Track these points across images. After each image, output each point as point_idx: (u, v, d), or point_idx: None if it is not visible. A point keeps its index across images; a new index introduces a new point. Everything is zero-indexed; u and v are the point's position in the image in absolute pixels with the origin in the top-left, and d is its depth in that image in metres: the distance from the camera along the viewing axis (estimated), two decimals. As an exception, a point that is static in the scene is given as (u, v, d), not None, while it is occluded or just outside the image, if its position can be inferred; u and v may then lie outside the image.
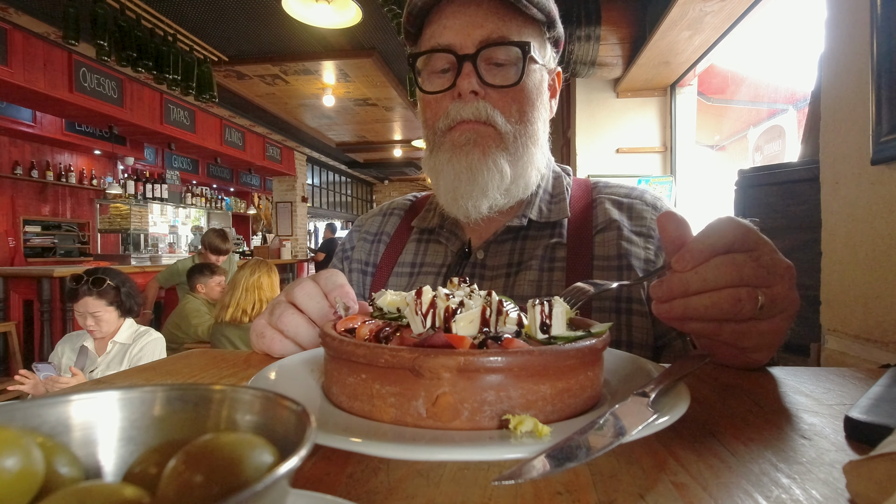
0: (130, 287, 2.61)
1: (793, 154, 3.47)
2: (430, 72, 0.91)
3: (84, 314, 2.46)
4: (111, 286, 2.50)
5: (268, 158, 9.36)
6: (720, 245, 0.51)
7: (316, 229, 14.46)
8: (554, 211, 0.96)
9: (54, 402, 0.24)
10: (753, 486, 0.32)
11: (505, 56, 0.86)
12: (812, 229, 1.39)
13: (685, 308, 0.51)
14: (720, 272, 0.50)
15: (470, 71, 0.85)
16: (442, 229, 1.01)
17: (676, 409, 0.38)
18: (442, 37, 0.87)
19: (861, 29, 1.15)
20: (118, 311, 2.53)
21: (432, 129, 0.92)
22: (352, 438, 0.34)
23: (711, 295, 0.50)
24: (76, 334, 2.64)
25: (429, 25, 0.91)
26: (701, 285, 0.50)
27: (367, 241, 1.10)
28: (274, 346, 0.68)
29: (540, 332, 0.44)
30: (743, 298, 0.50)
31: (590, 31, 3.65)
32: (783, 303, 0.52)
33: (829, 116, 1.31)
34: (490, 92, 0.87)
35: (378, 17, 4.68)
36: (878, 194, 1.11)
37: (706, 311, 0.50)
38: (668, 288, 0.52)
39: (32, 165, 7.49)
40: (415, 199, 1.18)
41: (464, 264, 0.96)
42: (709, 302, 0.50)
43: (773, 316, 0.53)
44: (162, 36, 4.59)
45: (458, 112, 0.86)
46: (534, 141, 0.91)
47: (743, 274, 0.50)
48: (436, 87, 0.90)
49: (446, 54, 0.87)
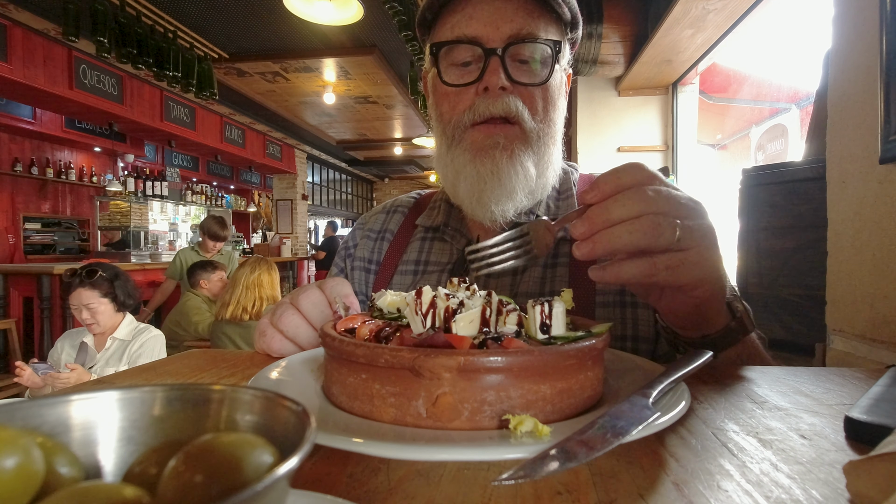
0: (124, 280, 2.60)
1: (795, 153, 3.47)
2: (450, 63, 0.87)
3: (79, 307, 2.45)
4: (103, 277, 2.50)
5: (268, 156, 9.35)
6: (627, 180, 0.52)
7: (316, 227, 14.46)
8: (562, 208, 0.95)
9: (54, 402, 0.24)
10: (753, 486, 0.32)
11: (532, 53, 0.84)
12: (817, 228, 1.38)
13: (609, 239, 0.50)
14: (637, 199, 0.51)
15: (498, 66, 0.82)
16: (447, 227, 1.00)
17: (676, 409, 0.38)
18: (468, 28, 0.84)
19: (870, 25, 1.15)
20: (113, 304, 2.52)
21: (449, 123, 0.89)
22: (352, 438, 0.34)
23: (633, 222, 0.50)
24: (76, 331, 2.64)
25: (450, 14, 0.87)
26: (622, 212, 0.50)
27: (371, 238, 1.08)
28: (273, 345, 0.69)
29: (540, 332, 0.44)
30: (662, 224, 0.50)
31: (591, 29, 3.64)
32: (700, 230, 0.53)
33: (836, 114, 1.30)
34: (517, 89, 0.84)
35: (379, 15, 4.67)
36: (887, 193, 1.11)
37: (630, 237, 0.50)
38: (590, 221, 0.51)
39: (32, 162, 7.48)
40: (419, 196, 1.16)
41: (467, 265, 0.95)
42: (631, 228, 0.50)
43: (695, 246, 0.53)
44: (162, 33, 4.58)
45: (486, 107, 0.83)
46: (554, 141, 0.90)
47: (658, 203, 0.51)
48: (458, 79, 0.86)
49: (472, 46, 0.84)
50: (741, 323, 0.65)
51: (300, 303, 0.69)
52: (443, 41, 0.87)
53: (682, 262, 0.53)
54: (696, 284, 0.56)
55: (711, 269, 0.56)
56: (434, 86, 0.93)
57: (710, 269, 0.56)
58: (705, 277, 0.56)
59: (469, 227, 0.99)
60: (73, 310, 2.48)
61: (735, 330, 0.65)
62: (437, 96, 0.92)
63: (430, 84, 0.96)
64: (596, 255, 0.51)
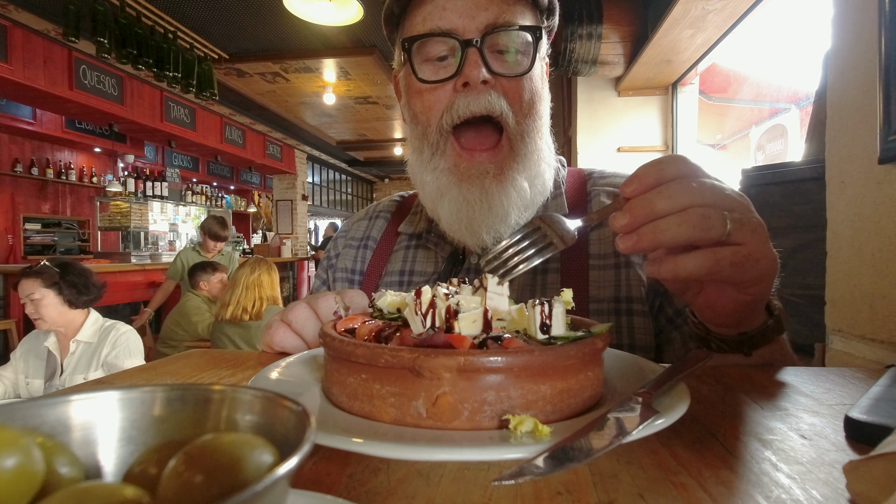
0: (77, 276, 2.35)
1: (795, 153, 3.47)
2: (424, 59, 0.81)
3: (26, 301, 2.25)
4: (47, 266, 2.29)
5: (268, 156, 9.35)
6: (671, 172, 0.48)
7: (316, 227, 14.47)
8: (550, 207, 0.90)
9: (54, 402, 0.24)
10: (753, 486, 0.32)
11: (511, 42, 0.79)
12: (817, 229, 1.38)
13: (654, 232, 0.46)
14: (683, 191, 0.47)
15: (477, 58, 0.76)
16: (430, 234, 0.95)
17: (676, 409, 0.38)
18: (442, 19, 0.78)
19: (869, 26, 1.15)
20: (60, 297, 2.28)
21: (428, 125, 0.82)
22: (352, 438, 0.34)
23: (680, 214, 0.46)
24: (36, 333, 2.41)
25: (420, 6, 0.81)
26: (666, 204, 0.46)
27: (353, 247, 1.03)
28: (275, 338, 0.68)
29: (540, 332, 0.44)
30: (711, 216, 0.47)
31: (591, 29, 3.64)
32: (751, 224, 0.50)
33: (835, 115, 1.30)
34: (499, 82, 0.79)
35: (379, 15, 4.65)
36: (886, 193, 1.11)
37: (678, 230, 0.46)
38: (632, 213, 0.47)
39: (32, 163, 7.49)
40: (401, 199, 1.10)
41: (457, 270, 0.89)
42: (679, 220, 0.46)
43: (750, 240, 0.50)
44: (162, 33, 4.59)
45: (466, 106, 0.77)
46: (540, 135, 0.85)
47: (704, 194, 0.47)
48: (434, 75, 0.80)
49: (447, 39, 0.78)
50: (778, 321, 0.62)
51: (318, 305, 0.68)
52: (415, 35, 0.81)
53: (746, 257, 0.49)
54: (756, 281, 0.53)
55: (772, 265, 0.53)
56: (407, 85, 0.86)
57: (771, 265, 0.53)
58: (766, 274, 0.53)
59: None
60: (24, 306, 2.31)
61: (772, 328, 0.62)
62: (411, 95, 0.85)
63: (402, 83, 0.90)
64: (641, 250, 0.48)
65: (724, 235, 0.48)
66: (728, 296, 0.55)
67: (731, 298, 0.56)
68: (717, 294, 0.56)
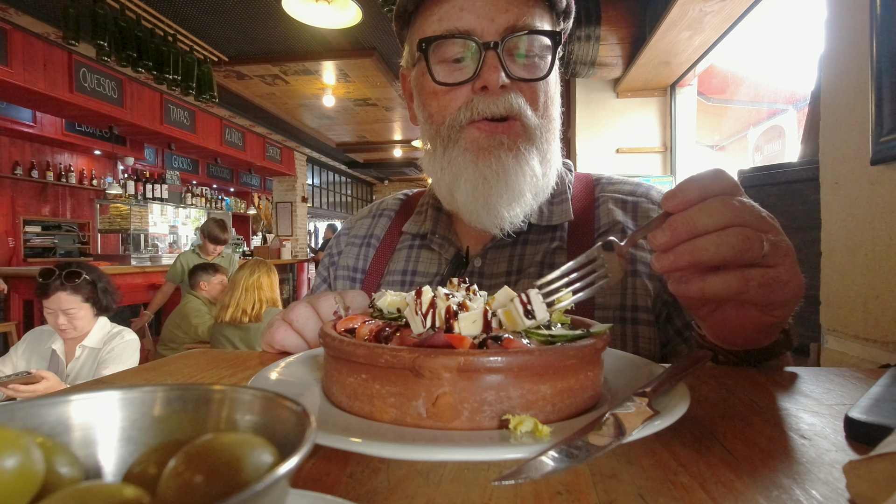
0: (107, 282, 2.33)
1: (793, 154, 3.47)
2: (439, 60, 0.80)
3: (56, 312, 2.17)
4: (87, 280, 2.22)
5: (268, 158, 9.36)
6: (713, 188, 0.48)
7: (316, 229, 14.47)
8: (556, 213, 0.89)
9: (54, 402, 0.24)
10: (753, 486, 0.32)
11: (529, 46, 0.78)
12: (812, 229, 1.39)
13: (693, 251, 0.46)
14: (724, 209, 0.46)
15: (496, 62, 0.76)
16: (434, 235, 0.93)
17: (676, 409, 0.38)
18: (460, 20, 0.77)
19: (861, 29, 1.15)
20: (94, 309, 2.26)
21: (443, 123, 0.82)
22: (352, 438, 0.34)
23: (720, 234, 0.46)
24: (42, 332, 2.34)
25: (436, 5, 0.79)
26: (708, 222, 0.46)
27: (356, 244, 1.02)
28: (276, 337, 0.68)
29: (526, 319, 0.44)
30: (751, 238, 0.46)
31: (590, 31, 3.65)
32: (783, 247, 0.50)
33: (828, 116, 1.31)
34: (517, 84, 0.78)
35: (378, 18, 4.68)
36: (878, 194, 1.11)
37: (716, 250, 0.46)
38: (673, 231, 0.47)
39: (32, 166, 7.49)
40: (405, 197, 1.09)
41: (460, 273, 0.89)
42: (718, 240, 0.45)
43: (783, 263, 0.50)
44: (162, 36, 4.59)
45: (486, 107, 0.77)
46: (554, 137, 0.85)
47: (744, 215, 0.47)
48: (451, 77, 0.80)
49: (465, 40, 0.77)
50: (788, 337, 0.62)
51: (320, 305, 0.68)
52: (432, 36, 0.79)
53: (775, 280, 0.49)
54: (783, 304, 0.53)
55: (799, 288, 0.53)
56: (421, 85, 0.85)
57: (798, 288, 0.53)
58: (793, 297, 0.53)
59: (459, 234, 0.93)
60: (48, 314, 2.21)
61: (781, 344, 0.62)
62: (426, 96, 0.84)
63: (413, 83, 0.89)
64: (678, 268, 0.48)
65: (760, 258, 0.48)
66: (749, 316, 0.55)
67: (753, 319, 0.55)
68: (736, 313, 0.55)
